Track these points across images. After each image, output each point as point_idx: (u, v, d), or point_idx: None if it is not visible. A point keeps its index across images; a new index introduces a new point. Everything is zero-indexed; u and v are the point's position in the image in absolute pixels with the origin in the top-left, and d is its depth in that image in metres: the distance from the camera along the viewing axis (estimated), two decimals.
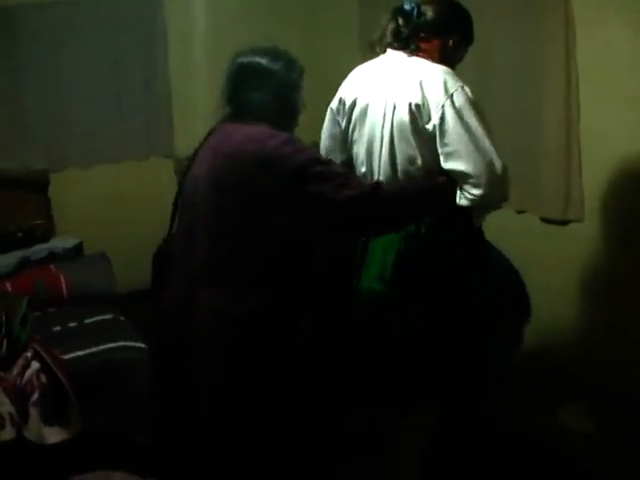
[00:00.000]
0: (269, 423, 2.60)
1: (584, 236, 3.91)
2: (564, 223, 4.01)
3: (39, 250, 4.47)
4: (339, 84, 2.93)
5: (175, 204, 2.75)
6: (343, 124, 2.90)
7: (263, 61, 2.59)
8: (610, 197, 3.76)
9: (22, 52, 4.82)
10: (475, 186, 2.56)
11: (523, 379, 3.68)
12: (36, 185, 4.86)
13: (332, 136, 2.97)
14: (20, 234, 4.58)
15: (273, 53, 2.63)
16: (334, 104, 2.94)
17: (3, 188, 4.71)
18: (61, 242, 4.62)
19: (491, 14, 4.11)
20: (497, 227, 4.23)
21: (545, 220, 4.12)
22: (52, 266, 4.18)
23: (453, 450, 3.14)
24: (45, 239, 4.65)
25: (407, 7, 2.73)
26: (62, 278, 4.07)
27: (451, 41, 2.76)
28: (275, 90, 2.58)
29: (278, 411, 2.60)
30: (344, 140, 2.92)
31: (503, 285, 4.07)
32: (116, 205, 5.01)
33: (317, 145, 2.99)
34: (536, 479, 3.26)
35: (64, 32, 4.88)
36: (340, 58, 3.10)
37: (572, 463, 3.31)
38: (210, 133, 2.67)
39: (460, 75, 2.80)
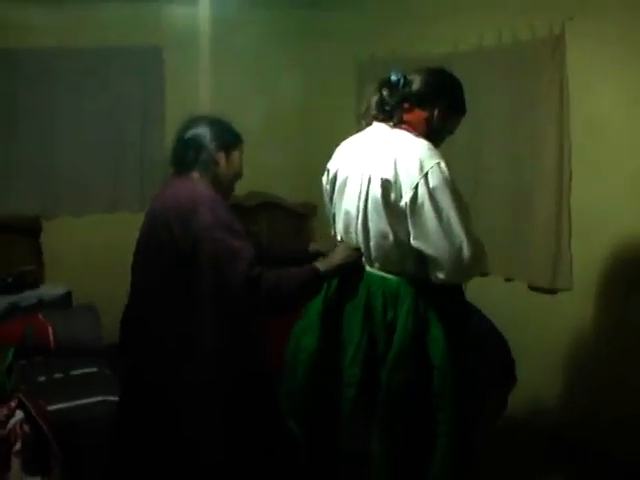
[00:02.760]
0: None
1: (571, 305, 3.94)
2: (552, 292, 4.04)
3: (28, 297, 4.49)
4: (334, 149, 2.93)
5: None
6: (330, 196, 2.90)
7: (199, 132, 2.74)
8: (599, 269, 3.80)
9: (19, 97, 4.89)
10: (440, 270, 2.54)
11: (506, 445, 3.68)
12: (28, 231, 4.89)
13: (328, 208, 2.98)
14: (10, 279, 4.58)
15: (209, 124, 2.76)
16: (324, 177, 2.94)
17: None
18: (50, 290, 4.65)
19: (485, 83, 4.21)
20: (485, 294, 4.30)
21: (533, 288, 4.15)
22: (40, 315, 4.18)
23: None
24: (35, 285, 4.67)
25: (393, 78, 2.68)
26: (50, 328, 4.06)
27: (437, 111, 2.67)
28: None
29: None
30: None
31: (488, 352, 4.11)
32: (107, 255, 4.99)
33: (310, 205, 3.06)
34: None
35: (61, 80, 4.95)
36: (338, 123, 3.12)
37: None
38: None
39: (452, 145, 2.78)
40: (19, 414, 3.09)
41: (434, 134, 2.69)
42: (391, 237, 2.59)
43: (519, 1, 4.02)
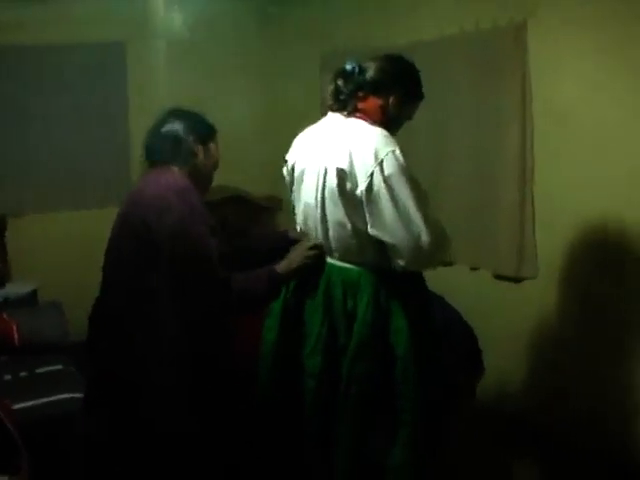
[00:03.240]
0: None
1: (536, 293, 3.97)
2: (517, 280, 4.06)
3: None
4: None
5: None
6: (289, 188, 2.91)
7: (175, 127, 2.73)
8: (563, 256, 3.82)
9: None
10: (399, 257, 2.55)
11: (471, 430, 3.73)
12: None
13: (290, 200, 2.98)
14: None
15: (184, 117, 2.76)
16: (284, 168, 2.94)
17: None
18: (16, 288, 4.63)
19: (447, 72, 4.23)
20: (451, 283, 4.33)
21: (498, 277, 4.17)
22: (4, 314, 4.13)
23: None
24: (1, 284, 4.64)
25: (348, 67, 2.68)
26: (14, 326, 4.02)
27: (392, 98, 2.66)
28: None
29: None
30: None
31: (453, 340, 4.13)
32: (74, 252, 5.01)
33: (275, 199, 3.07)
34: None
35: (26, 77, 4.95)
36: (305, 115, 3.11)
37: None
38: None
39: (414, 134, 2.75)
40: None
41: (391, 121, 2.69)
42: (349, 227, 2.60)
43: None
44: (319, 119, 2.82)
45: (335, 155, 2.57)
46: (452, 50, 4.20)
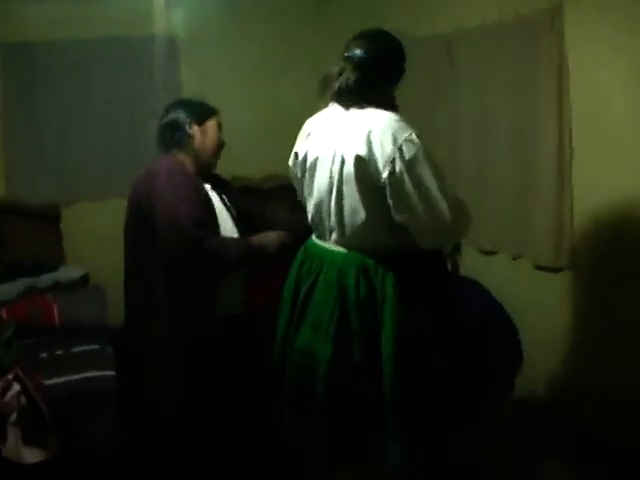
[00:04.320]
0: None
1: (574, 283, 3.90)
2: (556, 270, 3.99)
3: (46, 279, 4.61)
4: None
5: None
6: (300, 179, 2.90)
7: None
8: (601, 247, 3.74)
9: (35, 88, 5.02)
10: (423, 237, 2.58)
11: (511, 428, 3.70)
12: (48, 217, 5.03)
13: (298, 192, 2.99)
14: (30, 262, 4.70)
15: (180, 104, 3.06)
16: (291, 160, 2.95)
17: (17, 217, 4.90)
18: (68, 272, 4.77)
19: (487, 61, 4.19)
20: (494, 272, 4.29)
21: (539, 267, 4.11)
22: (48, 296, 4.31)
23: None
24: (54, 268, 4.78)
25: (358, 53, 2.66)
26: (55, 308, 4.18)
27: (393, 81, 2.74)
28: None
29: None
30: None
31: (491, 333, 4.09)
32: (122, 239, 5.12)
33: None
34: None
35: (80, 70, 5.09)
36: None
37: None
38: None
39: (458, 123, 2.70)
40: (16, 387, 3.20)
41: (394, 104, 2.70)
42: (364, 213, 2.61)
43: None
44: None
45: (352, 142, 2.57)
46: (492, 38, 4.13)
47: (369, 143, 2.53)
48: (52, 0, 4.85)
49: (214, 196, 3.03)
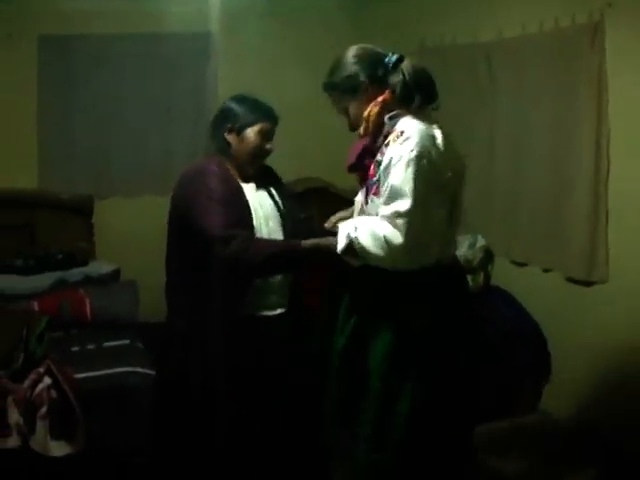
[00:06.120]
0: None
1: (607, 298, 3.86)
2: (588, 284, 3.96)
3: (76, 273, 4.62)
4: None
5: None
6: None
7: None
8: (635, 261, 3.71)
9: (75, 82, 5.06)
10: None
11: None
12: (81, 210, 5.04)
13: None
14: (60, 256, 4.72)
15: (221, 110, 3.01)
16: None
17: (50, 209, 4.93)
18: (99, 267, 4.77)
19: (526, 71, 4.19)
20: (524, 285, 4.26)
21: (570, 280, 4.07)
22: (81, 290, 4.31)
23: None
24: (84, 262, 4.79)
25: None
26: (87, 302, 4.19)
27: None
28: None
29: None
30: None
31: (520, 344, 4.06)
32: (156, 236, 5.12)
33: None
34: None
35: (116, 64, 5.13)
36: None
37: None
38: None
39: (496, 133, 2.57)
40: (47, 380, 3.23)
41: None
42: None
43: None
44: None
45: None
46: (531, 48, 4.13)
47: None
48: None
49: (259, 196, 2.99)
